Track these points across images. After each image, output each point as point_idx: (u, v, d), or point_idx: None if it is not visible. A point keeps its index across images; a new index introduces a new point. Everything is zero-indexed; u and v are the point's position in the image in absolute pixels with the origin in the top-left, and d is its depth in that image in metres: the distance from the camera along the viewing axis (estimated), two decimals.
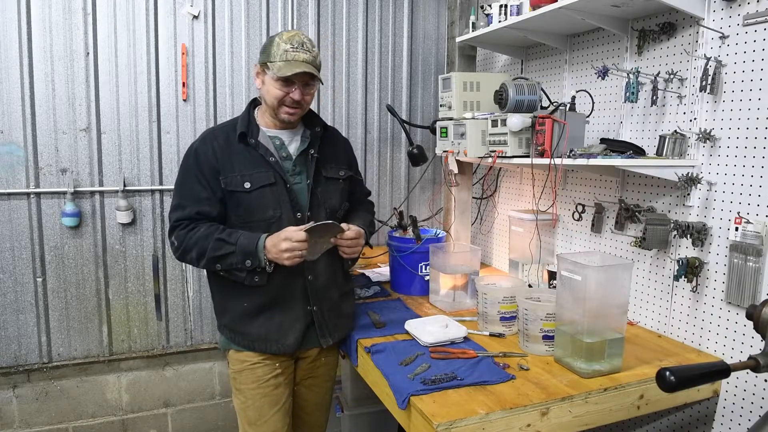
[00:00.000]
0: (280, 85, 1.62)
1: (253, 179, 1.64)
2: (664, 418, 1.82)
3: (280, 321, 1.70)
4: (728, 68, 1.61)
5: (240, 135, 1.67)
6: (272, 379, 1.74)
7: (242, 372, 1.74)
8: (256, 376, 1.73)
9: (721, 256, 1.64)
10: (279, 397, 1.75)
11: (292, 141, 1.75)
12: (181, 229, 1.64)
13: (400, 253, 2.28)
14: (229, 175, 1.64)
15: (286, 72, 1.59)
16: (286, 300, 1.70)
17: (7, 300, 2.33)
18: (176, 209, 1.67)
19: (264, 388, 1.73)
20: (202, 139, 1.71)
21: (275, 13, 2.62)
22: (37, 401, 2.42)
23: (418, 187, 3.01)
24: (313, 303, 1.73)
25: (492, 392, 1.42)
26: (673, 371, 1.03)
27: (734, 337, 1.61)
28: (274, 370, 1.74)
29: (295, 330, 1.71)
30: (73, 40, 2.31)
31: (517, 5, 2.16)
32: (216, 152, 1.66)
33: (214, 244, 1.59)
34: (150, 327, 2.55)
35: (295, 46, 1.61)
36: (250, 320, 1.70)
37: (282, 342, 1.70)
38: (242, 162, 1.66)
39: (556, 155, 1.84)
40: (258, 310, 1.69)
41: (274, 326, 1.70)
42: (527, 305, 1.69)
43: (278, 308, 1.70)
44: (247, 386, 1.74)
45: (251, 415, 1.74)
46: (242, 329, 1.71)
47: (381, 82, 2.89)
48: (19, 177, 2.29)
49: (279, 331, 1.70)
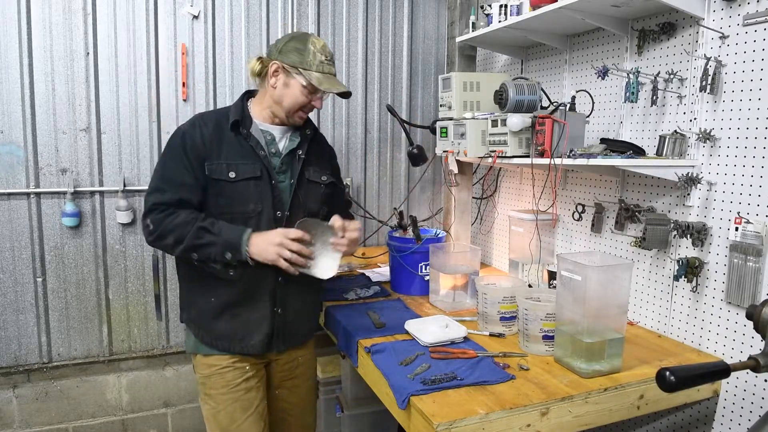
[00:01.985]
0: (307, 92, 1.63)
1: (239, 170, 1.61)
2: (664, 418, 1.82)
3: (246, 320, 1.66)
4: (728, 68, 1.61)
5: (233, 123, 1.64)
6: (243, 383, 1.69)
7: (211, 377, 1.68)
8: (225, 380, 1.67)
9: (721, 256, 1.64)
10: (251, 402, 1.70)
11: (282, 138, 1.73)
12: (158, 213, 1.58)
13: (400, 253, 2.28)
14: (215, 162, 1.60)
15: (327, 86, 1.62)
16: (254, 299, 1.66)
17: (7, 300, 2.33)
18: (155, 191, 1.60)
19: (235, 392, 1.68)
20: (191, 123, 1.65)
21: (275, 13, 2.62)
22: (37, 401, 2.42)
23: (418, 187, 3.01)
24: (279, 305, 1.69)
25: (492, 392, 1.42)
26: (673, 371, 1.03)
27: (734, 337, 1.61)
28: (244, 373, 1.69)
29: (260, 331, 1.67)
30: (73, 40, 2.31)
31: (517, 5, 2.16)
32: (204, 137, 1.61)
33: (195, 232, 1.55)
34: (150, 327, 2.55)
35: (329, 59, 1.65)
36: (216, 316, 1.65)
37: (246, 342, 1.66)
38: (230, 151, 1.62)
39: (556, 155, 1.84)
40: (224, 307, 1.65)
41: (239, 325, 1.66)
42: (527, 305, 1.69)
43: (245, 307, 1.66)
44: (217, 391, 1.68)
45: (223, 422, 1.68)
46: (207, 325, 1.67)
47: (381, 82, 2.89)
48: (19, 177, 2.29)
49: (245, 330, 1.66)
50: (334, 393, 2.52)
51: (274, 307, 1.68)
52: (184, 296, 1.74)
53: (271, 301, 1.67)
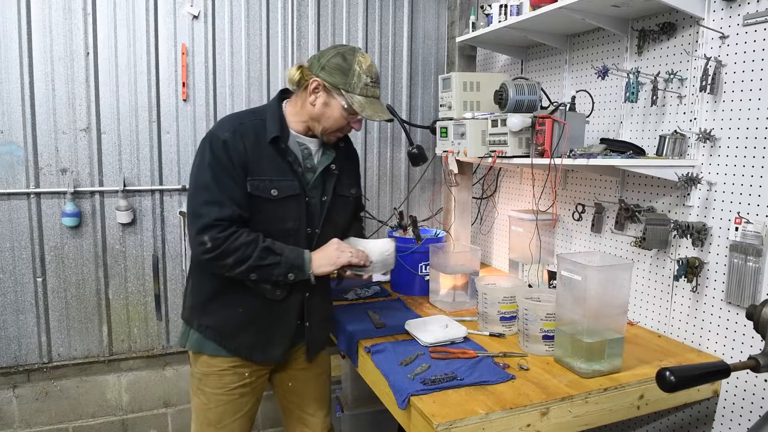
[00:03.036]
0: (348, 114, 1.58)
1: (281, 187, 1.57)
2: (664, 418, 1.82)
3: (273, 332, 1.67)
4: (728, 68, 1.61)
5: (274, 138, 1.56)
6: (239, 388, 1.69)
7: (209, 376, 1.67)
8: (223, 382, 1.67)
9: (721, 256, 1.64)
10: (243, 405, 1.72)
11: (317, 152, 1.68)
12: (220, 231, 1.49)
13: (400, 253, 2.28)
14: (257, 179, 1.54)
15: (370, 113, 1.56)
16: (282, 313, 1.66)
17: (7, 300, 2.33)
18: (212, 205, 1.50)
19: (229, 395, 1.68)
20: (232, 132, 1.55)
21: (275, 13, 2.62)
22: (37, 401, 2.42)
23: (418, 187, 3.01)
24: (307, 319, 1.71)
25: (492, 392, 1.42)
26: (673, 371, 1.03)
27: (734, 337, 1.62)
28: (242, 379, 1.69)
29: (284, 343, 1.70)
30: (73, 40, 2.31)
31: (517, 5, 2.16)
32: (247, 150, 1.54)
33: (259, 253, 1.51)
34: (150, 327, 2.55)
35: (374, 80, 1.57)
36: (243, 328, 1.64)
37: (269, 353, 1.68)
38: (271, 167, 1.56)
39: (556, 155, 1.84)
40: (251, 318, 1.64)
41: (264, 335, 1.66)
42: (527, 305, 1.69)
43: (271, 319, 1.66)
44: (212, 390, 1.68)
45: (211, 418, 1.69)
46: (232, 334, 1.64)
47: (381, 82, 2.89)
48: (19, 177, 2.29)
49: (267, 340, 1.67)
50: (334, 393, 2.52)
51: (298, 320, 1.70)
52: (206, 304, 1.66)
53: (298, 315, 1.69)
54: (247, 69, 2.58)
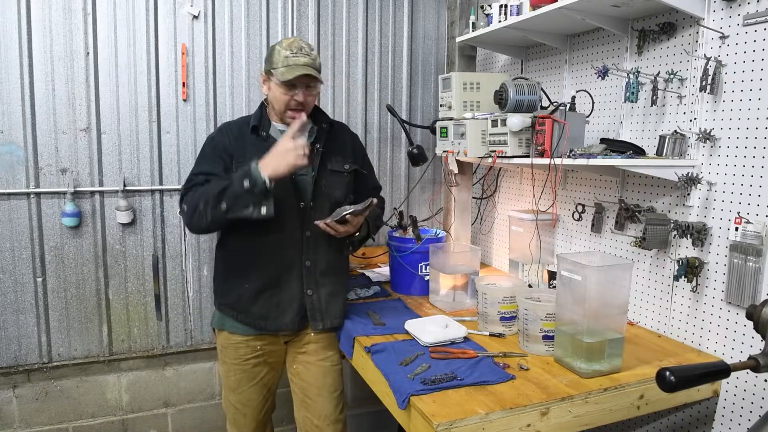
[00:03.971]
0: (285, 89, 1.73)
1: None
2: (664, 418, 1.82)
3: (278, 301, 1.82)
4: (728, 68, 1.61)
5: (252, 127, 1.81)
6: (252, 359, 1.89)
7: (227, 348, 1.90)
8: (237, 354, 1.89)
9: (721, 256, 1.64)
10: (257, 374, 1.92)
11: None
12: (190, 192, 1.73)
13: (400, 253, 2.28)
14: (242, 162, 1.72)
15: (288, 76, 1.69)
16: (283, 282, 1.82)
17: (7, 300, 2.33)
18: (186, 183, 1.78)
19: (243, 365, 1.90)
20: (219, 130, 1.88)
21: (275, 13, 2.62)
22: (37, 401, 2.42)
23: (418, 187, 3.01)
24: (307, 287, 1.84)
25: (492, 392, 1.42)
26: (673, 371, 1.03)
27: (734, 337, 1.62)
28: (255, 351, 1.89)
29: (293, 309, 1.83)
30: (73, 40, 2.31)
31: (517, 5, 2.16)
32: (231, 142, 1.79)
33: (214, 184, 1.67)
34: (150, 327, 2.55)
35: (294, 52, 1.72)
36: (253, 301, 1.82)
37: (280, 320, 1.84)
38: (253, 152, 1.73)
39: (556, 155, 1.84)
40: (258, 291, 1.81)
41: (273, 305, 1.83)
42: (527, 305, 1.69)
43: (276, 290, 1.82)
44: (231, 361, 1.90)
45: (231, 384, 1.93)
46: (246, 309, 1.84)
47: (381, 82, 2.89)
48: (19, 177, 2.29)
49: (278, 309, 1.83)
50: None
51: (303, 289, 1.84)
52: (220, 286, 1.91)
53: (299, 284, 1.83)
54: (247, 69, 2.58)
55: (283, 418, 2.69)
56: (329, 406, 1.93)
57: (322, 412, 1.92)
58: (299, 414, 1.97)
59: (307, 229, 1.81)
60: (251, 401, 1.94)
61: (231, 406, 1.96)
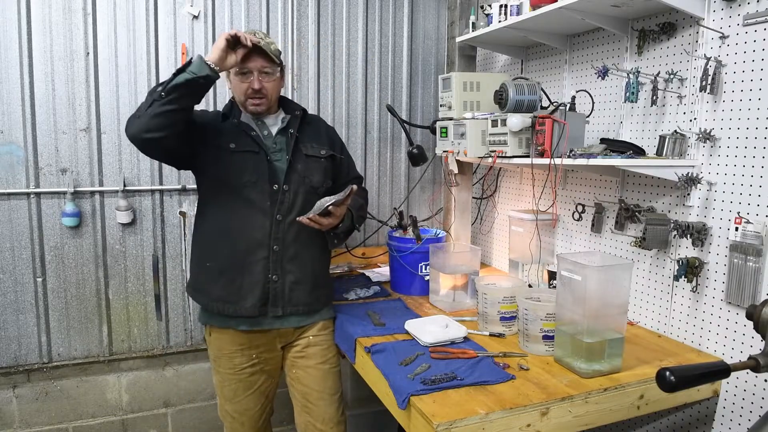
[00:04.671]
0: (240, 78, 1.76)
1: (239, 143, 1.77)
2: (664, 418, 1.82)
3: (240, 284, 1.78)
4: (728, 68, 1.61)
5: (222, 115, 1.83)
6: (248, 368, 1.87)
7: (220, 358, 1.87)
8: (232, 364, 1.86)
9: (721, 256, 1.64)
10: (254, 383, 1.89)
11: (275, 124, 1.88)
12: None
13: (400, 253, 2.28)
14: (215, 136, 1.77)
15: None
16: (247, 264, 1.78)
17: (7, 300, 2.33)
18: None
19: (239, 374, 1.87)
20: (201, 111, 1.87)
21: (275, 13, 2.62)
22: (37, 401, 2.42)
23: (418, 187, 3.01)
24: (273, 273, 1.79)
25: (492, 392, 1.42)
26: (673, 371, 1.03)
27: (734, 337, 1.62)
28: (250, 359, 1.86)
29: (254, 295, 1.78)
30: (73, 40, 2.31)
31: (517, 5, 2.16)
32: (208, 119, 1.82)
33: (156, 85, 1.65)
34: (150, 327, 2.55)
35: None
36: (214, 281, 1.79)
37: (240, 304, 1.78)
38: (227, 133, 1.79)
39: (556, 155, 1.84)
40: (220, 271, 1.78)
41: (234, 288, 1.78)
42: (527, 305, 1.69)
43: (239, 272, 1.78)
44: (225, 370, 1.87)
45: (226, 394, 1.90)
46: (206, 289, 1.81)
47: (381, 82, 2.89)
48: (19, 177, 2.29)
49: (238, 293, 1.78)
50: None
51: (268, 273, 1.79)
52: (191, 267, 1.91)
53: (265, 269, 1.78)
54: None
55: (283, 419, 2.69)
56: (331, 410, 1.92)
57: (325, 415, 1.91)
58: (301, 419, 1.95)
59: (278, 212, 1.78)
60: (248, 410, 1.91)
61: (228, 415, 1.93)
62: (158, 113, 1.56)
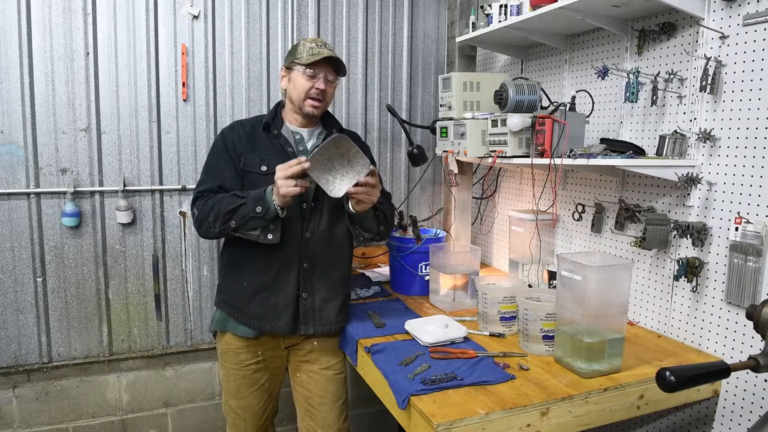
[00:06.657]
0: (307, 77, 1.78)
1: (270, 164, 1.75)
2: (664, 418, 1.82)
3: (275, 303, 1.81)
4: (728, 68, 1.61)
5: (264, 124, 1.84)
6: (253, 365, 1.90)
7: (227, 353, 1.90)
8: (238, 359, 1.89)
9: (721, 256, 1.64)
10: (258, 380, 1.92)
11: (311, 138, 1.90)
12: (202, 199, 1.75)
13: (400, 253, 2.28)
14: (249, 157, 1.80)
15: (313, 59, 1.75)
16: (280, 283, 1.81)
17: (7, 300, 2.33)
18: (200, 184, 1.81)
19: (244, 370, 1.90)
20: (230, 127, 1.89)
21: (275, 13, 2.62)
22: (37, 401, 2.42)
23: (418, 187, 3.01)
24: (303, 290, 1.82)
25: (492, 392, 1.42)
26: (673, 371, 1.03)
27: (734, 337, 1.61)
28: (255, 356, 1.89)
29: (287, 313, 1.81)
30: (73, 40, 2.31)
31: (517, 5, 2.16)
32: (241, 137, 1.83)
33: (227, 200, 1.70)
34: (150, 327, 2.55)
35: (319, 45, 1.80)
36: (249, 300, 1.82)
37: (275, 322, 1.82)
38: (263, 148, 1.82)
39: (556, 155, 1.84)
40: (255, 291, 1.81)
41: (269, 306, 1.82)
42: (527, 305, 1.69)
43: (272, 291, 1.81)
44: (230, 365, 1.90)
45: (231, 389, 1.93)
46: (242, 306, 1.84)
47: (381, 82, 2.89)
48: (19, 177, 2.29)
49: (274, 311, 1.82)
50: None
51: (298, 291, 1.82)
52: (221, 283, 1.93)
53: (295, 287, 1.82)
54: (247, 69, 2.58)
55: (284, 419, 2.69)
56: (332, 416, 1.92)
57: (326, 421, 1.92)
58: (303, 423, 1.96)
59: (307, 230, 1.81)
60: (252, 407, 1.93)
61: (231, 410, 1.95)
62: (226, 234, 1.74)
